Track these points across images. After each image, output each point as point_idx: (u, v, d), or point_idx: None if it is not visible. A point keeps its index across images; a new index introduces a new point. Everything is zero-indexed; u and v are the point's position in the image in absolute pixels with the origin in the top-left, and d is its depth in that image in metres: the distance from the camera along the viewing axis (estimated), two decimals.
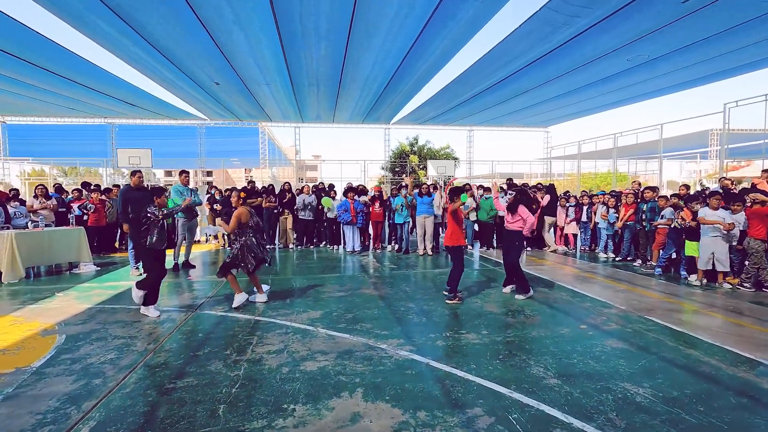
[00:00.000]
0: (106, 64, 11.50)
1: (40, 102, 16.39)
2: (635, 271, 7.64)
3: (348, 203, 9.58)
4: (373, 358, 3.67)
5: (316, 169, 72.30)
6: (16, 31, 8.59)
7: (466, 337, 4.21)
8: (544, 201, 9.81)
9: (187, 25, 8.87)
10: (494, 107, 17.94)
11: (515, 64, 11.88)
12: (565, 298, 5.71)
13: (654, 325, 4.55)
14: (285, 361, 3.61)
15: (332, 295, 5.90)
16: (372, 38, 9.92)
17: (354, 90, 15.27)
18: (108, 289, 6.34)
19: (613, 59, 11.40)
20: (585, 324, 4.61)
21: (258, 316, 4.95)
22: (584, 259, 9.05)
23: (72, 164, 29.24)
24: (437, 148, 28.24)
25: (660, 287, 6.37)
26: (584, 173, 28.82)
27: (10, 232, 6.97)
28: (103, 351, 3.87)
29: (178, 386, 3.17)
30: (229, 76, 13.24)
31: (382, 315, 4.96)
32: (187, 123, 22.69)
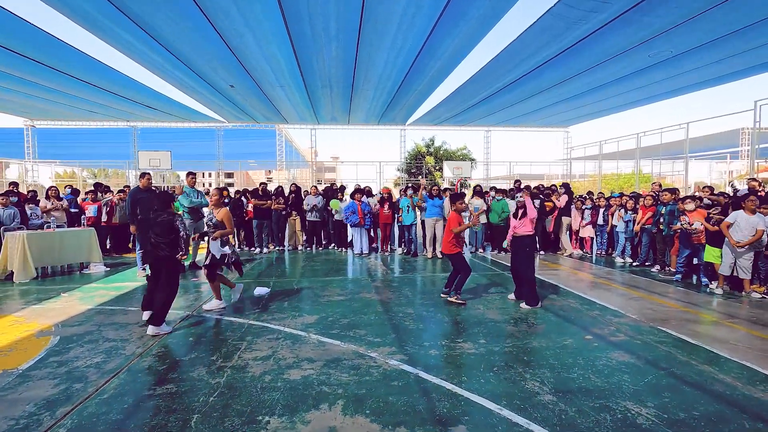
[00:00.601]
0: (128, 69, 12.00)
1: (66, 106, 16.98)
2: (653, 277, 7.26)
3: (355, 205, 9.46)
4: (361, 368, 3.52)
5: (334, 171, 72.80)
6: (44, 41, 9.08)
7: (462, 346, 4.02)
8: (561, 201, 9.47)
9: (199, 28, 8.94)
10: (511, 107, 17.57)
11: (530, 63, 11.57)
12: (573, 305, 5.44)
13: (666, 337, 4.25)
14: (270, 369, 3.50)
15: (331, 299, 5.78)
16: (382, 37, 9.80)
17: (367, 90, 15.18)
18: (112, 290, 6.39)
19: (634, 55, 10.96)
20: (591, 334, 4.34)
21: (253, 320, 4.87)
22: (600, 263, 8.67)
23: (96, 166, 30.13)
24: (453, 149, 27.91)
25: (677, 295, 6.01)
26: (606, 174, 27.98)
27: (22, 233, 7.12)
28: (91, 354, 3.84)
29: (156, 393, 3.10)
30: (244, 79, 13.35)
31: (378, 321, 4.80)
32: (205, 125, 23.08)
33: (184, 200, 7.57)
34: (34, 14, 7.90)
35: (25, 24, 8.23)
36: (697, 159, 23.80)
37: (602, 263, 8.69)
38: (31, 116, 20.73)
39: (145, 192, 7.48)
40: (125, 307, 5.40)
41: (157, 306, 4.39)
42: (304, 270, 8.05)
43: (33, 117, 20.90)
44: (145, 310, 4.70)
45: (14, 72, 11.38)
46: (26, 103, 16.71)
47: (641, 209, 7.96)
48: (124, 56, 10.67)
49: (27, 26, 8.33)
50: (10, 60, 10.11)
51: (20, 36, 8.79)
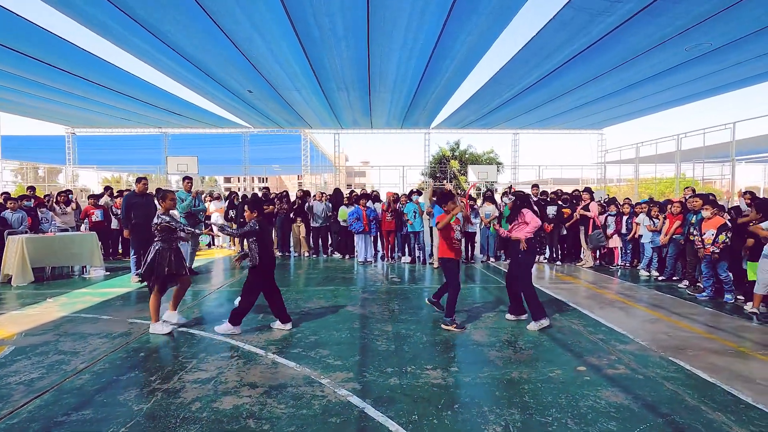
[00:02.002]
0: (157, 80, 12.76)
1: (104, 115, 17.91)
2: (680, 294, 6.42)
3: (360, 211, 9.08)
4: (303, 398, 3.11)
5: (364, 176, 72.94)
6: (82, 57, 10.01)
7: (429, 374, 3.52)
8: (593, 211, 8.70)
9: (209, 33, 8.96)
10: (540, 108, 16.74)
11: (554, 61, 10.87)
12: (576, 327, 4.79)
13: (677, 371, 3.58)
14: (204, 395, 3.15)
15: (310, 312, 5.40)
16: (392, 37, 9.44)
17: (384, 93, 14.87)
18: (98, 296, 6.29)
19: (668, 49, 10.05)
20: (585, 364, 3.73)
21: (219, 335, 4.55)
22: (623, 277, 7.85)
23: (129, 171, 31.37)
24: (479, 153, 27.06)
25: (704, 317, 5.22)
26: (644, 179, 26.23)
27: (20, 237, 7.21)
28: (32, 368, 3.63)
29: (69, 420, 2.81)
30: (260, 83, 13.39)
31: (348, 339, 4.38)
32: (232, 131, 23.52)
33: (179, 206, 7.44)
34: (72, 33, 8.96)
35: (65, 42, 9.06)
36: (747, 162, 21.84)
37: (625, 277, 7.86)
38: (72, 124, 21.86)
39: (141, 197, 7.42)
40: (99, 315, 5.25)
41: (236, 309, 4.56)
42: (297, 278, 7.73)
43: (74, 125, 22.04)
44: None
45: (56, 85, 12.39)
46: (67, 113, 17.81)
47: (669, 217, 7.11)
48: (151, 67, 11.22)
49: (67, 44, 9.18)
50: (53, 74, 11.12)
51: (61, 53, 9.67)
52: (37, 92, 13.37)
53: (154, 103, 15.89)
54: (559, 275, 7.99)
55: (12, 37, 8.78)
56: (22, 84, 12.30)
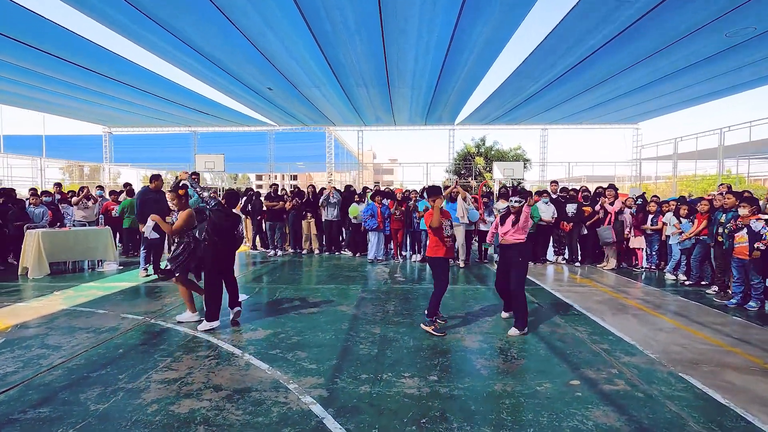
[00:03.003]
0: (186, 81, 13.45)
1: (138, 115, 18.83)
2: (707, 301, 5.86)
3: (375, 207, 8.87)
4: (264, 404, 2.94)
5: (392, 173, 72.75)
6: (116, 61, 10.75)
7: (405, 383, 3.28)
8: (616, 206, 8.15)
9: (225, 32, 9.07)
10: (569, 102, 16.01)
11: (580, 51, 10.30)
12: (579, 335, 4.41)
13: (685, 389, 3.18)
14: (165, 396, 3.04)
15: (301, 311, 5.25)
16: (405, 30, 9.19)
17: (404, 89, 14.63)
18: (103, 290, 6.40)
19: (706, 36, 9.30)
20: (580, 378, 3.38)
21: (201, 331, 4.48)
22: (646, 280, 7.29)
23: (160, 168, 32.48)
24: (506, 150, 26.20)
25: (729, 327, 4.70)
26: (684, 176, 24.69)
27: (37, 231, 7.44)
28: (11, 362, 3.65)
29: (23, 418, 2.76)
30: (279, 81, 13.46)
31: (331, 341, 4.19)
32: (258, 129, 23.90)
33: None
34: (108, 39, 9.61)
35: (102, 48, 9.80)
36: None
37: (649, 281, 7.29)
38: (109, 124, 22.89)
39: (155, 193, 7.53)
40: (96, 309, 5.30)
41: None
42: (301, 276, 7.62)
43: (110, 125, 23.06)
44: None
45: (95, 87, 13.24)
46: (105, 113, 18.68)
47: (697, 217, 6.50)
48: (177, 68, 11.74)
49: (103, 50, 9.92)
50: (92, 78, 11.95)
51: (98, 58, 10.41)
52: (77, 94, 14.28)
53: (183, 103, 16.51)
54: (575, 277, 7.51)
55: (55, 46, 9.57)
56: (64, 87, 13.21)
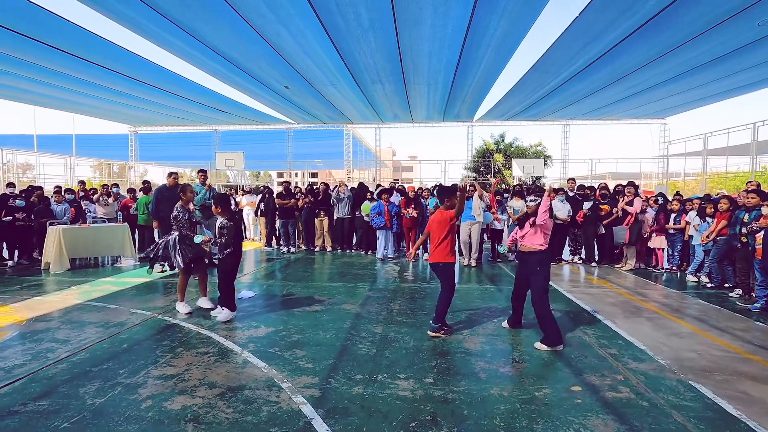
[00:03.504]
0: (207, 82, 13.88)
1: (162, 115, 19.40)
2: (730, 304, 5.57)
3: (382, 206, 8.82)
4: (255, 402, 2.94)
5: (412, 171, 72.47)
6: (141, 63, 11.26)
7: (399, 385, 3.22)
8: (636, 205, 7.85)
9: (240, 31, 9.14)
10: (592, 96, 15.52)
11: (602, 44, 9.96)
12: (588, 339, 4.25)
13: (694, 399, 3.01)
14: (160, 392, 3.08)
15: (305, 309, 5.26)
16: (419, 25, 9.07)
17: (420, 85, 14.50)
18: (118, 285, 6.57)
19: (737, 26, 8.84)
20: (583, 384, 3.25)
21: (205, 327, 4.53)
22: (666, 282, 7.00)
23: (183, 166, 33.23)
24: (526, 146, 25.69)
25: (751, 333, 4.45)
26: (715, 173, 23.64)
27: (58, 228, 7.71)
28: (20, 355, 3.77)
29: (24, 410, 2.83)
30: (296, 79, 13.54)
31: (330, 340, 4.16)
32: (277, 128, 24.18)
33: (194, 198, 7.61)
34: (131, 42, 10.72)
35: (126, 51, 10.30)
36: None
37: (668, 282, 7.00)
38: (134, 123, 23.59)
39: (170, 190, 7.68)
40: (108, 304, 5.43)
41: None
42: (310, 273, 7.64)
43: (136, 124, 23.77)
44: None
45: (121, 88, 13.86)
46: (130, 113, 19.26)
47: (717, 215, 6.18)
48: (196, 68, 12.05)
49: (128, 53, 10.42)
50: (118, 79, 12.53)
51: (124, 60, 10.92)
52: (105, 95, 14.94)
53: (204, 102, 16.96)
54: (590, 278, 7.28)
55: (85, 50, 10.09)
56: (92, 89, 13.89)
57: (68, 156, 25.78)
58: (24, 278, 7.04)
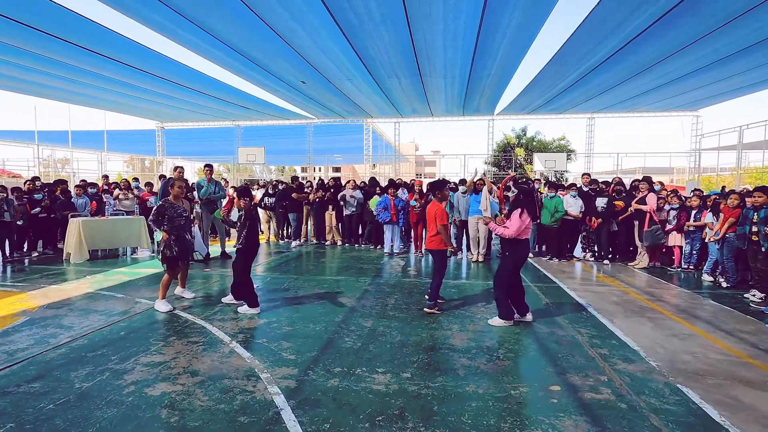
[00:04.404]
0: (228, 79, 14.42)
1: (187, 111, 20.10)
2: (742, 306, 5.30)
3: (388, 200, 8.81)
4: (231, 391, 3.01)
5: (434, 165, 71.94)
6: (167, 63, 11.80)
7: (375, 379, 3.23)
8: (650, 202, 7.56)
9: (256, 29, 9.33)
10: (617, 88, 14.97)
11: (625, 32, 9.56)
12: (579, 337, 4.14)
13: (678, 403, 2.89)
14: (144, 378, 3.20)
15: (302, 302, 5.33)
16: (431, 17, 8.97)
17: (436, 78, 14.38)
18: (129, 275, 6.83)
19: (765, 13, 8.34)
20: (563, 383, 3.17)
21: (201, 317, 4.67)
22: (679, 281, 6.71)
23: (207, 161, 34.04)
24: (548, 140, 25.04)
25: (758, 336, 4.22)
26: (750, 168, 22.41)
27: (78, 220, 8.07)
28: (25, 339, 3.99)
29: (17, 392, 3.00)
30: (312, 74, 13.68)
31: (318, 333, 4.21)
32: (297, 122, 24.47)
33: (198, 192, 7.81)
34: (156, 42, 11.19)
35: (153, 51, 10.76)
36: None
37: (682, 281, 6.71)
38: (161, 119, 24.39)
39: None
40: (116, 294, 5.66)
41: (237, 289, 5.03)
42: (315, 266, 7.73)
43: (162, 120, 24.56)
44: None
45: (148, 86, 14.56)
46: (157, 110, 20.03)
47: (724, 211, 5.87)
48: (220, 67, 12.45)
49: (154, 53, 10.87)
50: (145, 78, 13.20)
51: (150, 60, 11.44)
52: (133, 93, 15.67)
53: (226, 98, 17.51)
54: (600, 276, 7.06)
55: (114, 50, 10.67)
56: (122, 87, 14.60)
57: (100, 151, 26.89)
58: (45, 267, 7.42)
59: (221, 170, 54.39)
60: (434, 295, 4.91)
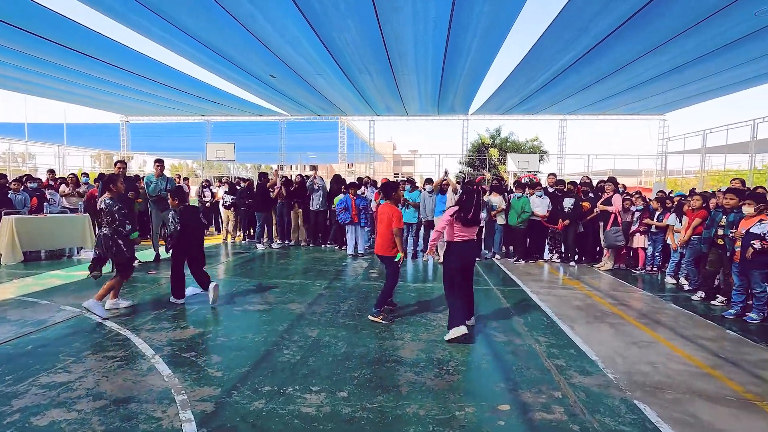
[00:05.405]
0: (197, 73, 13.91)
1: (153, 105, 19.21)
2: (705, 310, 5.18)
3: (349, 200, 8.45)
4: (134, 419, 2.60)
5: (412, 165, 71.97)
6: (133, 55, 11.48)
7: (306, 399, 2.88)
8: (615, 203, 7.45)
9: (218, 18, 8.91)
10: (588, 89, 15.09)
11: (591, 34, 9.56)
12: (537, 347, 3.88)
13: (634, 423, 2.64)
14: (38, 403, 2.75)
15: (246, 308, 4.92)
16: (400, 11, 8.66)
17: (409, 75, 14.11)
18: (62, 279, 6.25)
19: (733, 16, 8.41)
20: (515, 402, 2.89)
21: (129, 327, 4.20)
22: (642, 284, 6.60)
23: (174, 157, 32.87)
24: (521, 141, 25.19)
25: (719, 343, 4.07)
26: (713, 170, 23.09)
27: (11, 218, 7.38)
28: None
29: None
30: (281, 69, 13.21)
31: (255, 345, 3.82)
32: (269, 119, 23.82)
33: (148, 189, 7.27)
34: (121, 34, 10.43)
35: (117, 43, 10.49)
36: None
37: (645, 284, 6.61)
38: (126, 113, 23.31)
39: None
40: (40, 300, 5.12)
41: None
42: (272, 269, 7.30)
43: (127, 114, 23.47)
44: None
45: (111, 78, 13.89)
46: (122, 103, 19.08)
47: (688, 214, 5.79)
48: (185, 59, 12.04)
49: (118, 45, 10.60)
50: (108, 69, 12.67)
51: (111, 51, 11.05)
52: (95, 85, 14.93)
53: (193, 92, 16.84)
54: (565, 278, 6.89)
55: (74, 41, 10.23)
56: (83, 78, 13.90)
57: (59, 145, 25.50)
58: None
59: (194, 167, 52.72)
60: (380, 302, 4.58)
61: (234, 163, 25.36)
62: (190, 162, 44.46)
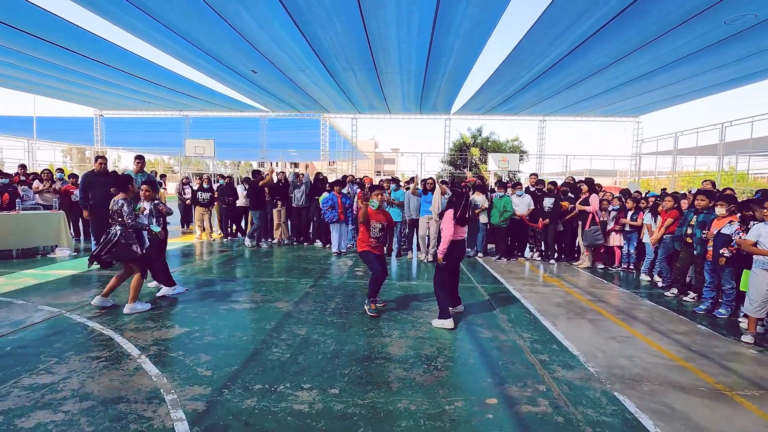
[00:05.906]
0: (176, 67, 13.55)
1: (128, 98, 18.76)
2: (678, 305, 5.43)
3: (335, 198, 8.44)
4: (124, 419, 2.58)
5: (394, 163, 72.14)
6: (108, 47, 11.27)
7: (298, 397, 2.90)
8: (593, 203, 7.67)
9: (201, 12, 8.77)
10: (566, 91, 15.47)
11: (571, 38, 9.82)
12: (521, 342, 4.00)
13: (614, 414, 2.77)
14: (20, 405, 2.69)
15: (233, 307, 4.89)
16: (384, 9, 8.68)
17: (392, 74, 14.17)
18: (38, 278, 6.06)
19: (705, 23, 8.76)
20: (502, 395, 2.98)
21: (112, 328, 4.12)
22: (619, 281, 6.85)
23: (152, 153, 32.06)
24: (502, 141, 25.59)
25: (690, 337, 4.27)
26: (684, 172, 23.99)
27: None
28: None
29: None
30: (263, 64, 13.08)
31: (244, 343, 3.81)
32: (250, 115, 23.48)
33: None
34: (98, 26, 10.83)
35: (91, 34, 10.30)
36: None
37: (621, 281, 6.85)
38: (100, 107, 22.57)
39: (99, 176, 7.14)
40: (15, 300, 4.96)
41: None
42: (255, 267, 7.24)
43: (102, 107, 22.73)
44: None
45: (84, 71, 13.53)
46: (96, 96, 18.51)
47: (661, 214, 6.04)
48: (163, 52, 11.83)
49: (93, 36, 10.40)
50: (80, 61, 12.33)
51: (85, 42, 10.78)
52: (67, 77, 14.45)
53: (171, 87, 16.49)
54: (546, 276, 7.08)
55: (47, 31, 9.97)
56: (54, 70, 13.44)
57: (28, 139, 24.53)
58: None
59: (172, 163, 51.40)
60: (371, 293, 4.76)
61: (213, 159, 24.97)
62: (167, 158, 43.39)
